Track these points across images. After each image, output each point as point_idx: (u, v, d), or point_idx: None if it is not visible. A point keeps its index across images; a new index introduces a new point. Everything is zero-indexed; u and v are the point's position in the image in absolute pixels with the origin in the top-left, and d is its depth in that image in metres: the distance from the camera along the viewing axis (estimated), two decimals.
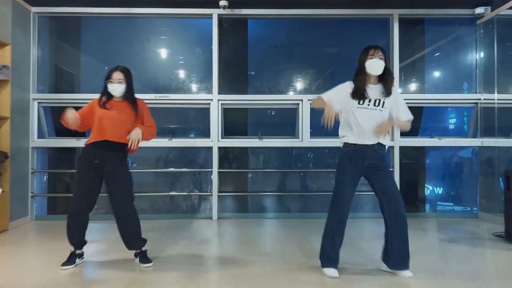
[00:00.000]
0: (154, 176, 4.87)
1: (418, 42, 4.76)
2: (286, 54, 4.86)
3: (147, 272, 2.61)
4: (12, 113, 3.94)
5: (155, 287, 2.34)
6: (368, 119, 2.46)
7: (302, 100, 4.46)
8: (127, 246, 2.77)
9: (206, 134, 4.57)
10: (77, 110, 2.60)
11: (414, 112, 2.63)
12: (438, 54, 4.82)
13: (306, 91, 4.75)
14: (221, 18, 4.55)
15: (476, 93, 4.62)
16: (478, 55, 4.68)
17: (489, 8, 4.43)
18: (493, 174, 4.43)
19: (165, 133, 4.62)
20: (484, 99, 4.51)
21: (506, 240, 3.42)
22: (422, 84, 4.80)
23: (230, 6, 4.37)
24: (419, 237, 3.64)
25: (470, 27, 4.70)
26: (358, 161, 2.49)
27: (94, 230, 3.89)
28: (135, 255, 2.80)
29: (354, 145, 2.50)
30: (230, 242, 3.47)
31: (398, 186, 3.23)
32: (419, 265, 2.68)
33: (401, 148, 4.48)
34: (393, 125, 2.58)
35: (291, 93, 4.79)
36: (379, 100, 2.48)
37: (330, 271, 2.48)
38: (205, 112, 4.57)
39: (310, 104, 2.60)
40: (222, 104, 4.52)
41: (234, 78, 4.68)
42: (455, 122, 4.97)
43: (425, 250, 3.16)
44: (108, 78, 2.64)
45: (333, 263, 2.50)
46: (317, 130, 4.49)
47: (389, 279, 2.46)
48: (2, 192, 3.76)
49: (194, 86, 4.73)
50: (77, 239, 2.69)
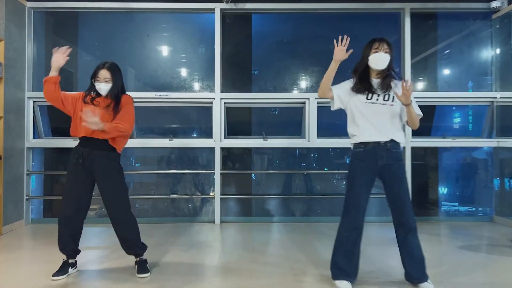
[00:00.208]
0: (155, 177, 4.69)
1: (431, 37, 4.54)
2: (292, 50, 4.65)
3: (143, 283, 2.43)
4: (5, 112, 3.76)
5: None
6: (377, 115, 2.27)
7: (308, 98, 4.27)
8: (125, 251, 2.61)
9: (208, 134, 4.39)
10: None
11: (425, 110, 2.43)
12: (452, 50, 4.59)
13: (312, 89, 4.55)
14: (224, 13, 4.36)
15: (491, 91, 4.40)
16: (494, 51, 4.46)
17: (505, 1, 4.21)
18: (510, 175, 4.22)
19: (165, 133, 4.46)
20: (500, 97, 4.29)
21: None
22: (434, 81, 4.58)
23: (234, 0, 4.18)
24: (434, 243, 3.43)
25: (485, 22, 4.48)
26: (370, 162, 2.28)
27: (90, 234, 3.73)
28: (135, 263, 2.63)
29: (365, 144, 2.29)
30: (233, 248, 3.28)
31: (410, 189, 3.04)
32: (439, 275, 2.50)
33: (412, 149, 4.28)
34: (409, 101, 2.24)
35: (296, 91, 4.58)
36: (388, 95, 2.30)
37: (342, 284, 2.27)
38: (207, 111, 4.38)
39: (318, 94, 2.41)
40: (225, 102, 4.33)
41: (238, 75, 4.49)
42: (459, 121, 4.75)
43: (442, 258, 2.96)
44: (94, 76, 2.48)
45: (346, 276, 2.29)
46: (324, 129, 4.30)
47: None
48: None
49: (196, 84, 4.54)
50: (69, 249, 2.50)
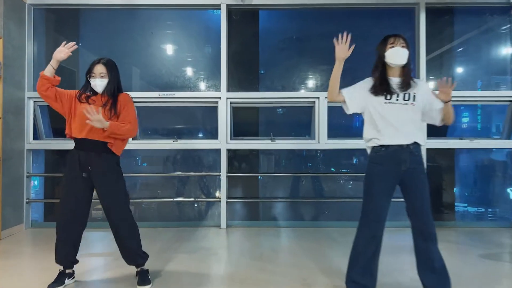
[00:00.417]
0: (160, 178, 4.54)
1: (447, 34, 4.33)
2: (301, 48, 4.47)
3: None
4: (4, 112, 3.63)
5: None
6: (398, 115, 2.10)
7: (318, 98, 4.08)
8: (126, 261, 2.46)
9: (214, 135, 4.22)
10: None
11: None
12: (469, 46, 4.37)
13: (322, 88, 4.36)
14: (230, 9, 4.19)
15: (511, 89, 4.18)
16: None
17: None
18: None
19: (170, 134, 4.30)
20: None
21: None
22: (451, 80, 4.36)
23: None
24: (453, 251, 3.23)
25: (504, 17, 4.26)
26: (392, 166, 2.10)
27: (91, 239, 3.59)
28: (136, 273, 2.48)
29: (386, 147, 2.11)
30: (240, 256, 3.11)
31: None
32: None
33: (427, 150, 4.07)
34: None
35: (305, 90, 4.40)
36: (409, 94, 2.13)
37: None
38: (212, 111, 4.21)
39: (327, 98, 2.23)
40: (231, 102, 4.15)
41: (244, 74, 4.32)
42: (468, 121, 4.54)
43: (463, 268, 2.77)
44: (89, 72, 2.35)
45: None
46: (333, 130, 4.11)
47: None
48: None
49: (201, 83, 4.38)
50: (66, 260, 2.35)
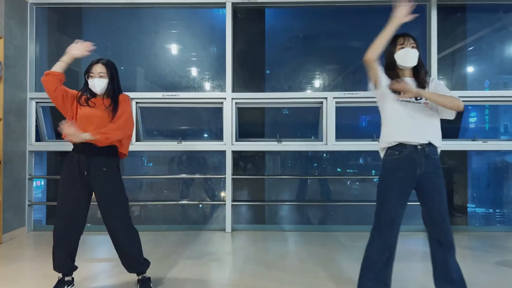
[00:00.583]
0: (164, 180, 4.46)
1: (459, 32, 4.19)
2: (308, 47, 4.36)
3: None
4: (5, 114, 3.56)
5: None
6: (412, 114, 1.99)
7: (326, 98, 3.96)
8: (126, 269, 2.37)
9: (219, 136, 4.12)
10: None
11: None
12: (482, 45, 4.24)
13: (329, 88, 4.24)
14: (235, 8, 4.09)
15: None
16: None
17: None
18: None
19: (174, 135, 4.22)
20: None
21: None
22: (463, 79, 4.23)
23: None
24: (468, 258, 3.10)
25: None
26: (407, 170, 1.98)
27: (92, 243, 3.50)
28: (137, 281, 2.39)
29: (400, 150, 1.99)
30: (245, 262, 3.00)
31: None
32: None
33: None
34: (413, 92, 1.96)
35: (312, 91, 4.29)
36: None
37: None
38: (217, 112, 4.12)
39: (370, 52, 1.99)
40: (236, 103, 4.05)
41: (250, 74, 4.22)
42: (476, 121, 4.40)
43: (479, 277, 2.63)
44: (87, 72, 2.25)
45: None
46: (341, 131, 3.99)
47: None
48: None
49: (206, 84, 4.28)
50: (64, 266, 2.26)
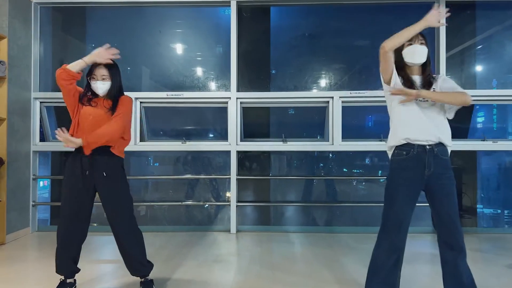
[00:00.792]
0: (169, 180, 4.42)
1: (468, 29, 4.11)
2: (314, 46, 4.29)
3: None
4: (9, 114, 3.55)
5: None
6: (420, 112, 1.94)
7: (332, 97, 3.90)
8: (130, 271, 2.34)
9: (224, 136, 4.08)
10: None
11: (463, 111, 2.08)
12: (491, 43, 4.15)
13: (336, 88, 4.18)
14: (240, 6, 4.04)
15: None
16: None
17: None
18: None
19: (179, 135, 4.18)
20: None
21: None
22: (473, 78, 4.15)
23: None
24: (478, 261, 3.02)
25: None
26: (415, 171, 1.92)
27: (94, 245, 3.47)
28: (140, 284, 2.36)
29: (408, 149, 1.93)
30: (250, 264, 2.95)
31: None
32: None
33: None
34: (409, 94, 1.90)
35: (319, 90, 4.22)
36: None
37: None
38: (222, 111, 4.07)
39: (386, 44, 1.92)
40: (241, 102, 4.01)
41: (255, 73, 4.17)
42: (483, 120, 4.30)
43: (489, 281, 2.56)
44: (90, 74, 2.21)
45: None
46: (347, 131, 3.93)
47: None
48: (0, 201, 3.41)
49: (210, 83, 4.24)
50: (67, 270, 2.23)
